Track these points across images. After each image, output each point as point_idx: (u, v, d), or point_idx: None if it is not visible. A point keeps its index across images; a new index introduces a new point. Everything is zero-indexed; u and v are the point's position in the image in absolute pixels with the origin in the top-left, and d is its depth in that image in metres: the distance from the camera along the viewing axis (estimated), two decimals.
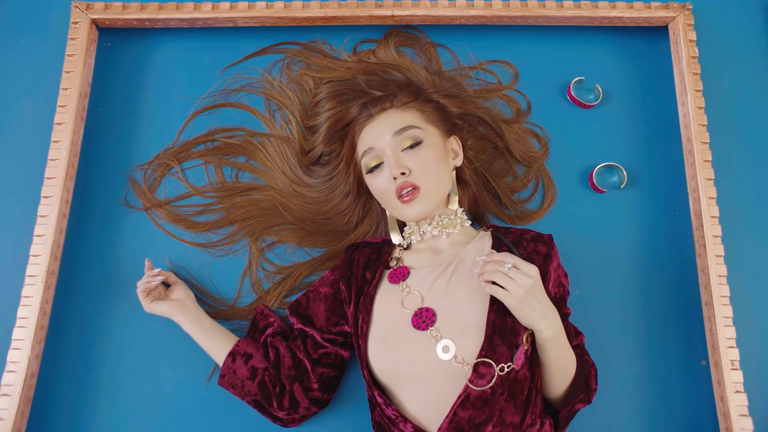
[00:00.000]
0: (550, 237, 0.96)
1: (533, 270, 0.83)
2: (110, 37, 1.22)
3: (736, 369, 1.00)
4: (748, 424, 0.97)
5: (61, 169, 1.07)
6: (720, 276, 1.05)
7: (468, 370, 0.83)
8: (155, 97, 1.21)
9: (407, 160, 0.95)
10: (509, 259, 0.84)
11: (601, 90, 1.20)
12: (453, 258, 0.95)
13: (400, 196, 0.94)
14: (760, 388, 1.05)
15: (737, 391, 0.98)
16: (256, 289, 1.10)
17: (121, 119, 1.19)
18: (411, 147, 0.96)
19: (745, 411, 0.97)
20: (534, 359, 0.88)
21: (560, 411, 0.91)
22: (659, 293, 1.12)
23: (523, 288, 0.82)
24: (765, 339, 1.09)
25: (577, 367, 0.91)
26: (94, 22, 1.17)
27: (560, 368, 0.89)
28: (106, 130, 1.19)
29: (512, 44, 1.23)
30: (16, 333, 1.00)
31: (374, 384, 0.91)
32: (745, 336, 1.06)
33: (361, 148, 1.00)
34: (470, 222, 1.02)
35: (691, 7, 1.19)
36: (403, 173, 0.93)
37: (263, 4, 1.17)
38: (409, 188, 0.93)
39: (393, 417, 0.87)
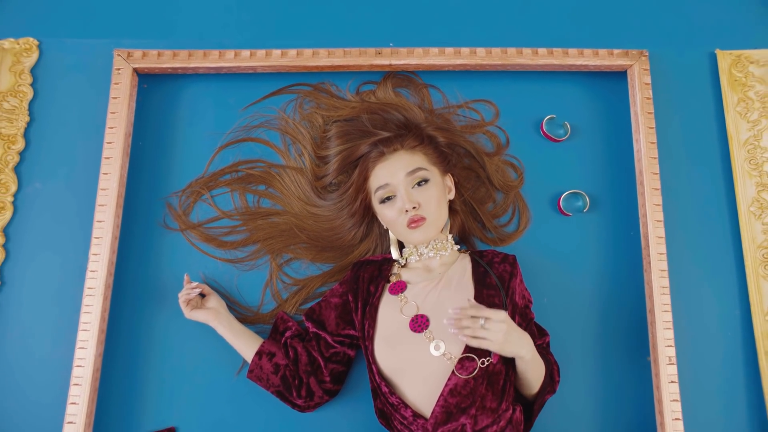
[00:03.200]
0: (515, 257, 1.16)
1: (503, 315, 0.99)
2: (146, 79, 1.39)
3: (672, 364, 1.18)
4: (677, 407, 1.16)
5: (112, 197, 1.25)
6: (662, 287, 1.22)
7: (454, 364, 1.03)
8: (186, 132, 1.37)
9: (417, 196, 1.14)
10: (482, 312, 0.99)
11: (570, 126, 1.36)
12: (442, 275, 1.14)
13: (410, 225, 1.13)
14: (691, 379, 1.23)
15: (671, 381, 1.17)
16: (276, 298, 1.28)
17: (158, 152, 1.36)
18: (419, 184, 1.15)
19: (677, 397, 1.16)
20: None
21: (534, 403, 1.10)
22: (614, 301, 1.29)
23: (500, 333, 0.98)
24: (699, 339, 1.27)
25: (546, 369, 1.09)
26: (134, 70, 1.34)
27: (535, 376, 1.07)
28: (145, 161, 1.35)
29: (494, 86, 1.39)
30: (81, 335, 1.18)
31: (380, 377, 1.10)
32: (682, 337, 1.25)
33: (375, 183, 1.18)
34: (458, 246, 1.21)
35: (647, 54, 1.37)
36: (414, 207, 1.13)
37: (279, 52, 1.35)
38: (419, 219, 1.13)
39: (396, 403, 1.06)
